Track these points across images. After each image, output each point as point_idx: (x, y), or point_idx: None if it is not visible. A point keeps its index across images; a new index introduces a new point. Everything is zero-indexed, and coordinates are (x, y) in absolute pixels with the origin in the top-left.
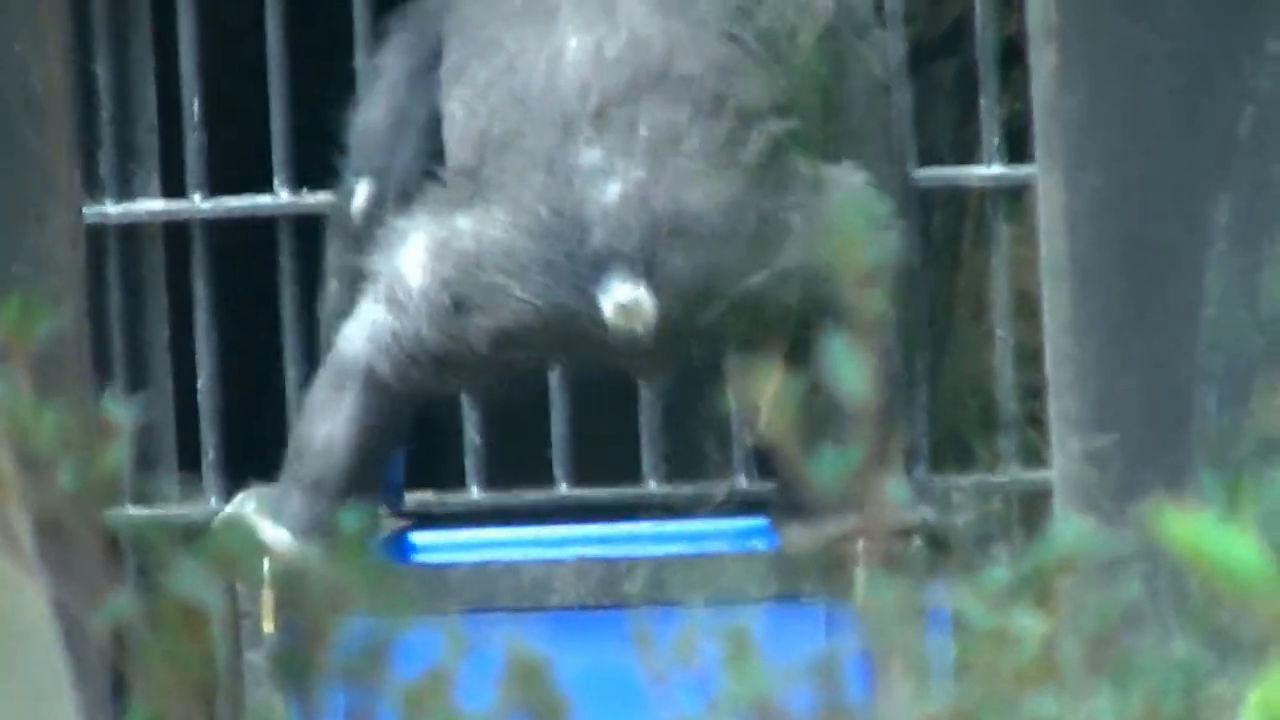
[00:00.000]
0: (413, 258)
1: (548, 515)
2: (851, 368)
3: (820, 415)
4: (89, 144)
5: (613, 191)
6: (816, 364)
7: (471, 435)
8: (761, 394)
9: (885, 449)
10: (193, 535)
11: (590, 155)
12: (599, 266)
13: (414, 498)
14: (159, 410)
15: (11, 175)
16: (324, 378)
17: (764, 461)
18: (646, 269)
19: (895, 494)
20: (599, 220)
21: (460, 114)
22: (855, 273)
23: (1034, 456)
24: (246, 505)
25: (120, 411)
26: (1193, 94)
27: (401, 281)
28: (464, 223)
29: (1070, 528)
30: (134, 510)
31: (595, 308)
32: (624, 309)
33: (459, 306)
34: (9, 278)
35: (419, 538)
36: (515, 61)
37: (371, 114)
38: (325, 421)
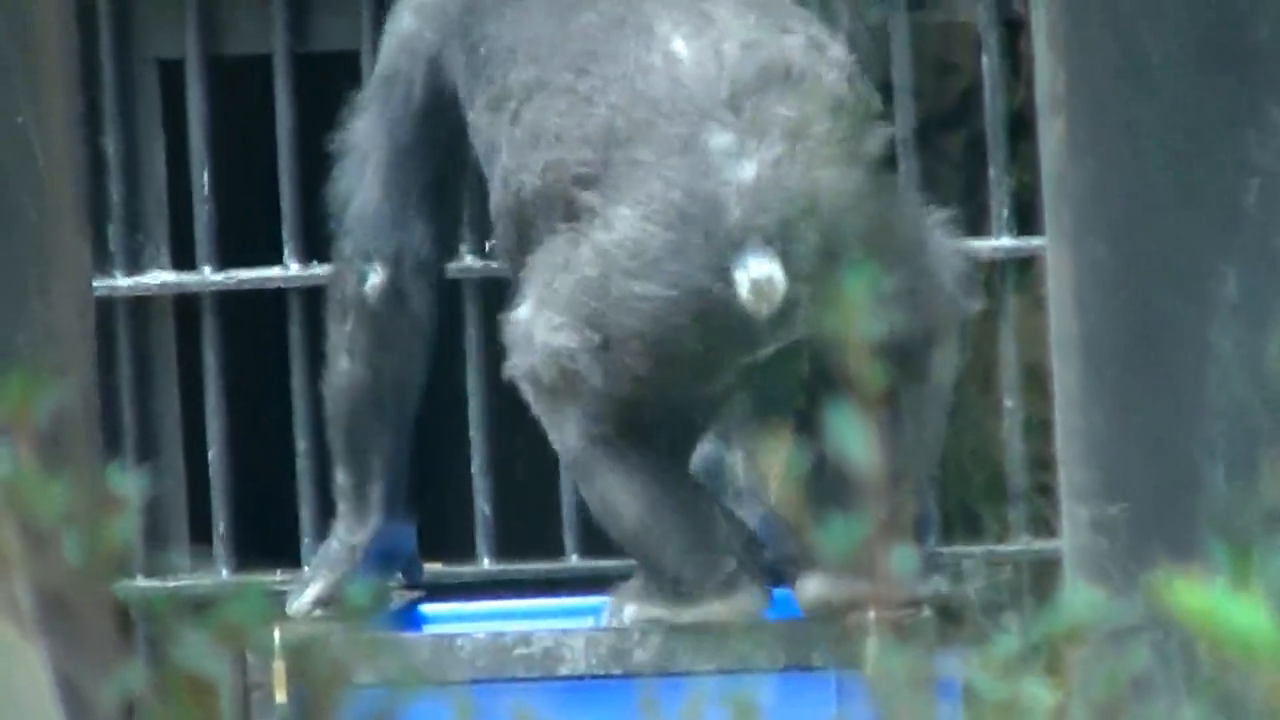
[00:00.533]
0: (545, 325)
1: (558, 585)
2: (858, 437)
3: (832, 484)
4: (99, 216)
5: (748, 170)
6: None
7: (482, 506)
8: (771, 462)
9: (896, 519)
10: (204, 607)
11: (724, 139)
12: (736, 244)
13: (425, 568)
14: (169, 482)
15: (16, 248)
16: (598, 478)
17: (773, 531)
18: (781, 245)
19: (905, 564)
20: (735, 198)
21: (569, 119)
22: (941, 329)
23: (1043, 526)
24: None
25: (127, 483)
26: (1197, 166)
27: (556, 358)
28: (584, 248)
29: (1080, 597)
30: (145, 582)
31: (730, 287)
32: (758, 286)
33: (606, 342)
34: (14, 350)
35: (430, 608)
36: (626, 66)
37: (368, 194)
38: (624, 503)
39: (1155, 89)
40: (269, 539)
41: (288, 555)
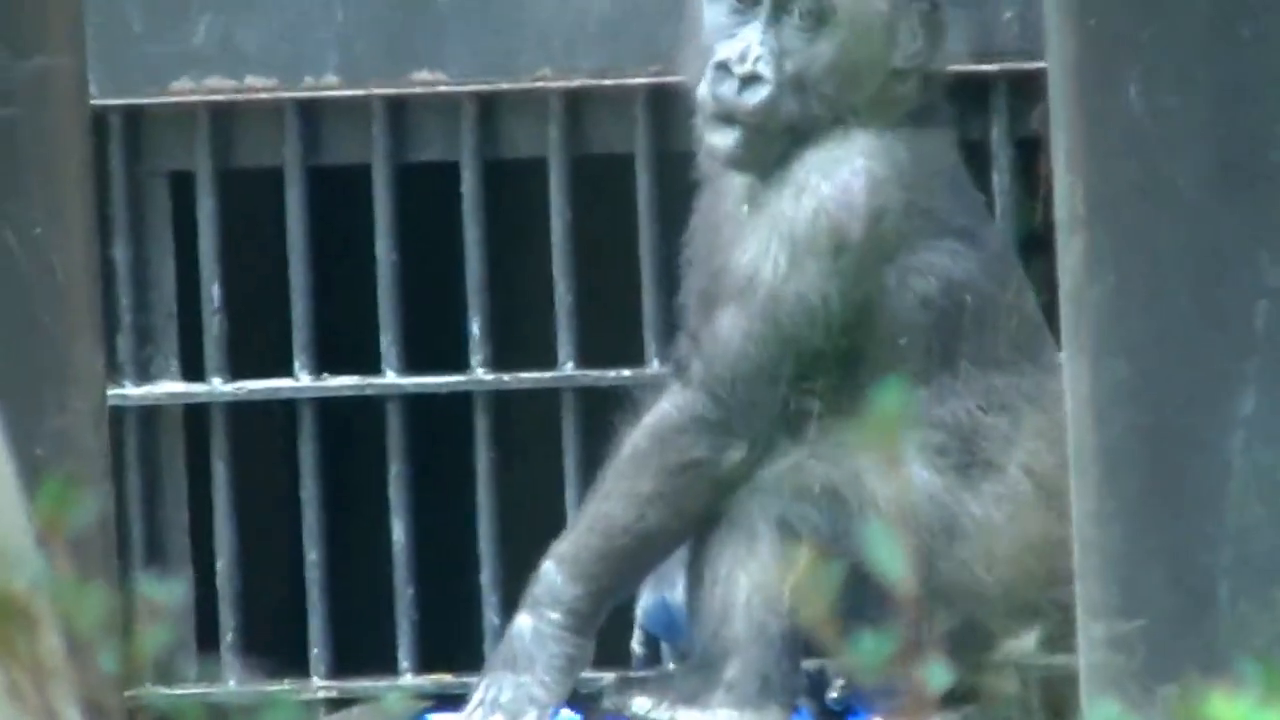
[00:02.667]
0: None
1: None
2: (894, 553)
3: (860, 597)
4: (109, 326)
5: None
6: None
7: (490, 617)
8: (795, 575)
9: (926, 631)
10: (224, 717)
11: None
12: None
13: (431, 679)
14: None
15: (33, 359)
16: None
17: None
18: None
19: (936, 678)
20: None
21: None
22: None
23: (1059, 642)
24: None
25: (163, 592)
26: (1215, 285)
27: None
28: None
29: (1104, 712)
30: (153, 689)
31: None
32: None
33: None
34: (32, 461)
35: (436, 718)
36: None
37: (756, 359)
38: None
39: (1175, 208)
40: (277, 648)
41: (295, 665)
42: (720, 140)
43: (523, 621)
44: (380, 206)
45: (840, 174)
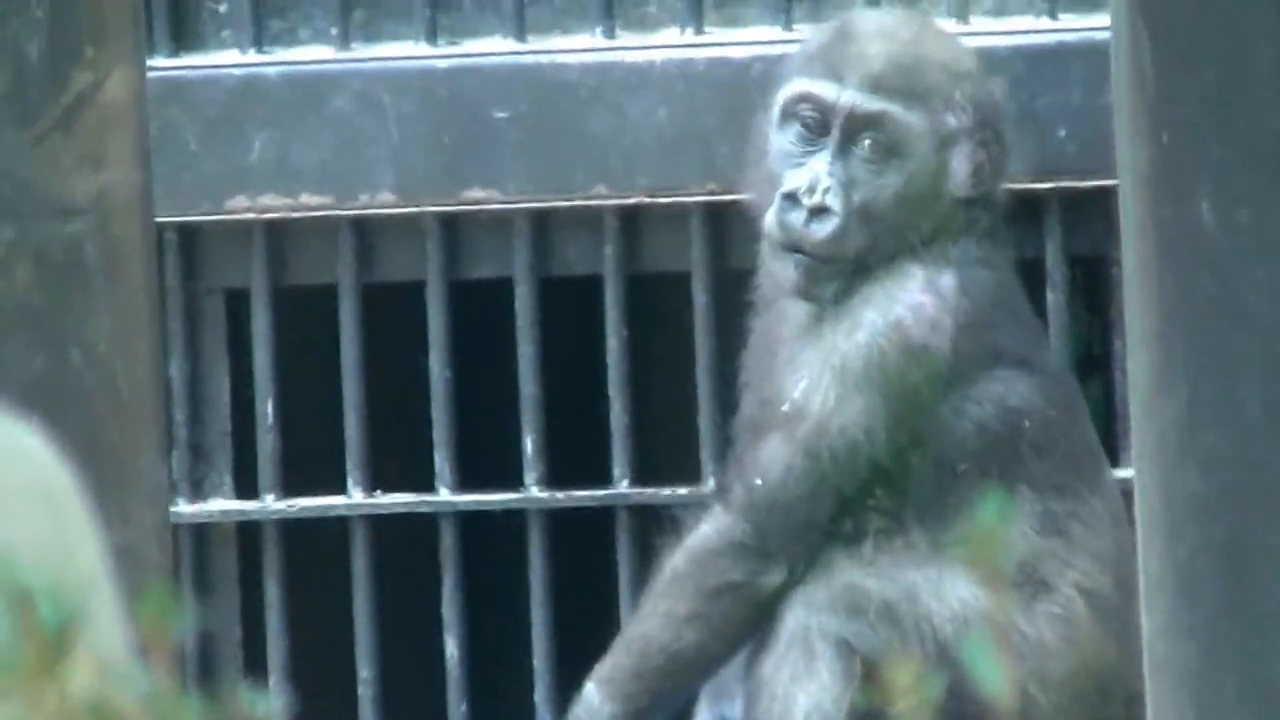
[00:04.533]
0: None
1: None
2: (991, 666)
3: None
4: (164, 443)
5: None
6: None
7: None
8: (898, 692)
9: None
10: None
11: None
12: None
13: None
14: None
15: (97, 472)
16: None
17: None
18: None
19: None
20: None
21: None
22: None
23: None
24: None
25: (260, 704)
26: None
27: None
28: None
29: None
30: None
31: None
32: None
33: None
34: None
35: None
36: None
37: (797, 487)
38: None
39: (1247, 321)
40: None
41: None
42: (786, 270)
43: None
44: (434, 323)
45: (895, 310)
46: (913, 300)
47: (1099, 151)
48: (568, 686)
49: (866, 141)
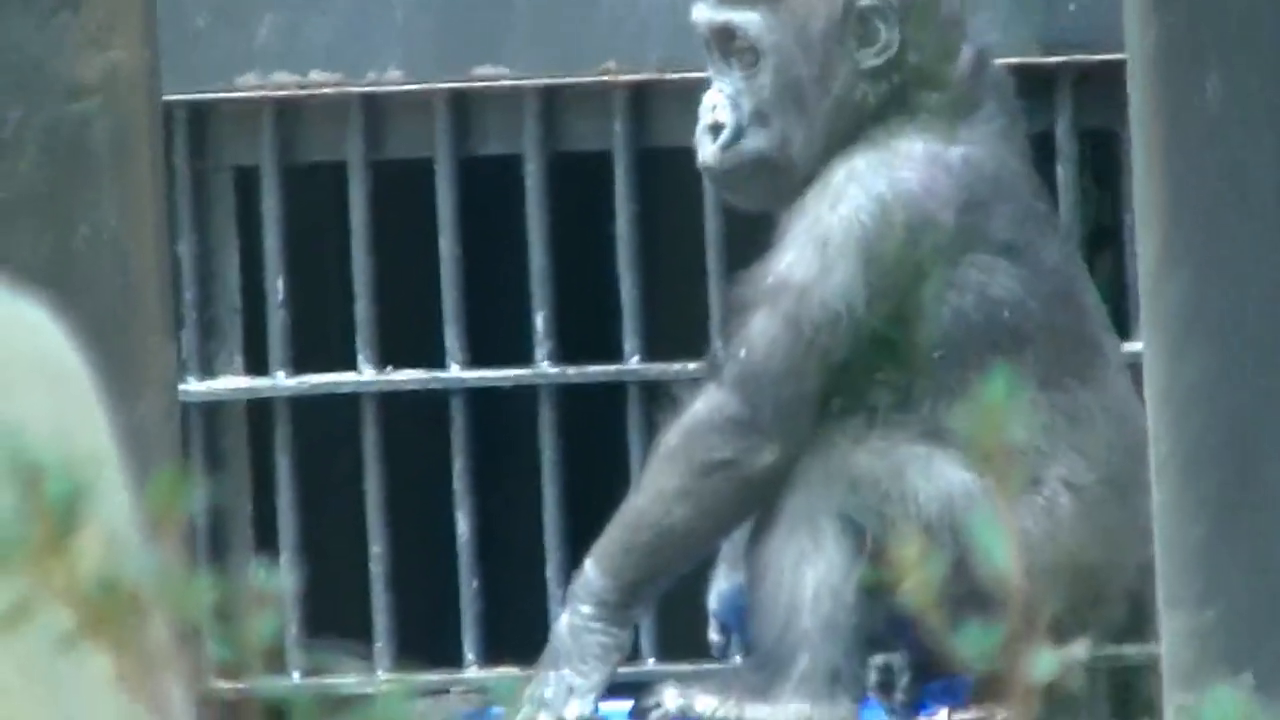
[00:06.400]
0: None
1: (628, 689)
2: (999, 543)
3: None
4: (173, 322)
5: None
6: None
7: (556, 610)
8: (905, 566)
9: (1040, 619)
10: (325, 707)
11: None
12: None
13: (496, 672)
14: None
15: (106, 353)
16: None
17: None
18: None
19: (1046, 668)
20: None
21: None
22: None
23: (1133, 630)
24: None
25: (271, 581)
26: None
27: None
28: None
29: (1225, 696)
30: (264, 679)
31: None
32: None
33: None
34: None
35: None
36: None
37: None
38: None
39: (1255, 199)
40: (341, 642)
41: (359, 658)
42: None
43: (562, 618)
44: (443, 200)
45: (877, 184)
46: (895, 175)
47: (1109, 25)
48: (578, 562)
49: (736, 50)
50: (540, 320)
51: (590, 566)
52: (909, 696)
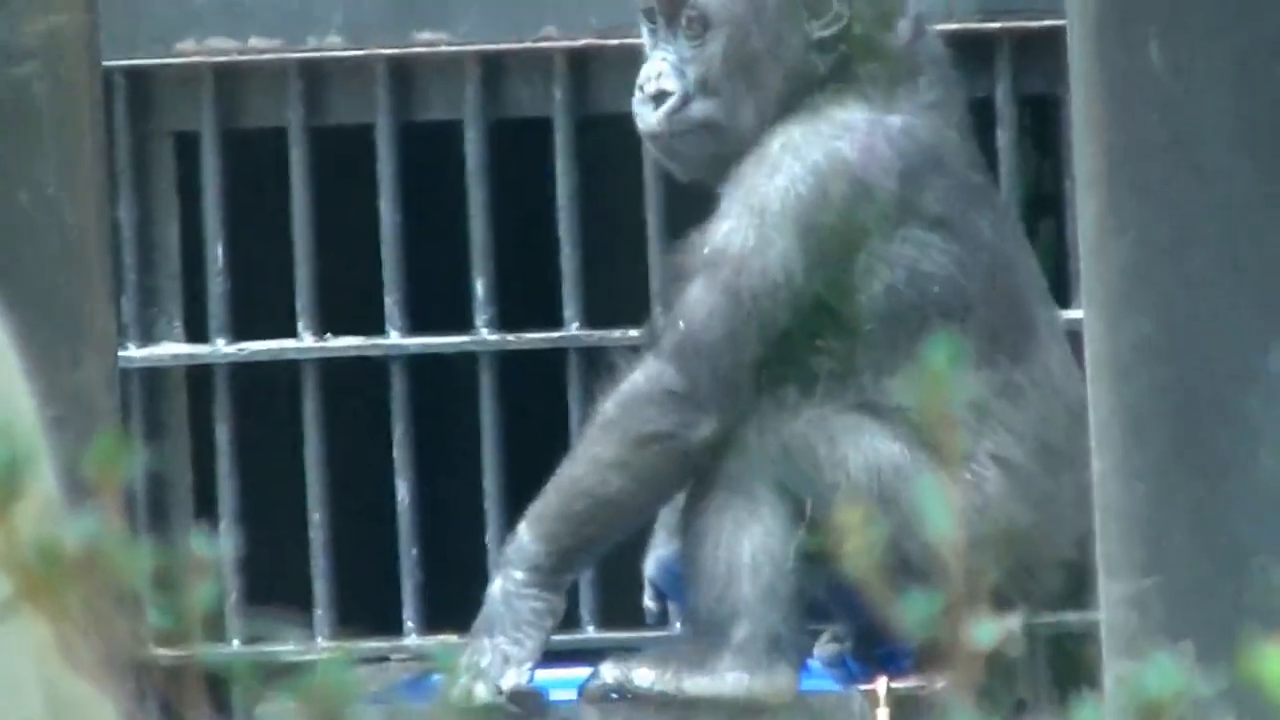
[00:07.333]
0: None
1: (573, 657)
2: (941, 507)
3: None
4: (113, 287)
5: None
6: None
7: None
8: (846, 533)
9: (975, 589)
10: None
11: None
12: None
13: (436, 639)
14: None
15: (46, 317)
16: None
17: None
18: None
19: (986, 635)
20: None
21: None
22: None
23: (1071, 599)
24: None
25: (213, 548)
26: (1235, 241)
27: None
28: None
29: (1165, 664)
30: (204, 647)
31: None
32: None
33: None
34: (44, 420)
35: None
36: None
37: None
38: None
39: (1196, 164)
40: (279, 609)
41: (298, 625)
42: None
43: (495, 584)
44: (383, 167)
45: (813, 154)
46: (831, 146)
47: None
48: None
49: (684, 19)
50: (480, 287)
51: (524, 531)
52: (851, 665)
